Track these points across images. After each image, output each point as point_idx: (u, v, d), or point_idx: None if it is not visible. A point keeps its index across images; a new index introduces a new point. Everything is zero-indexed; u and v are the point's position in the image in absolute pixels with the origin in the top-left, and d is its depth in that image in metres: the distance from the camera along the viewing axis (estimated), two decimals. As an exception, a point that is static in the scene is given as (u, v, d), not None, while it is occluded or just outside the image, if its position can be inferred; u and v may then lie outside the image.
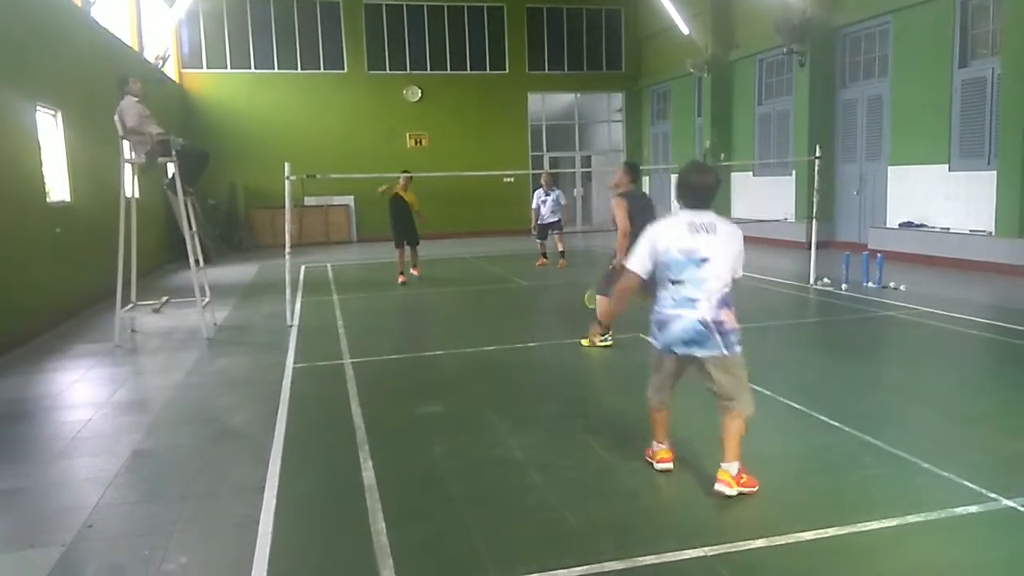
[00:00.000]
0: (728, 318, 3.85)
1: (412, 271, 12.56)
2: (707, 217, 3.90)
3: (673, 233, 3.86)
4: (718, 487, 3.79)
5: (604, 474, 4.19)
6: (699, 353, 3.87)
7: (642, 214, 6.52)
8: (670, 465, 4.15)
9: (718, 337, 3.83)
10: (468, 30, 21.69)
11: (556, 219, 13.98)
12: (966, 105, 12.15)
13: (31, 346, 8.08)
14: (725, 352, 3.85)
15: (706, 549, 3.23)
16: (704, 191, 3.93)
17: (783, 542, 3.30)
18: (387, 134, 20.88)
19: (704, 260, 3.80)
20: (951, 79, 12.32)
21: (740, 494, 3.77)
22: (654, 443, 4.24)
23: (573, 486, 4.01)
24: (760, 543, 3.28)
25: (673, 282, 3.86)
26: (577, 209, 23.95)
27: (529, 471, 4.22)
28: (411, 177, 12.34)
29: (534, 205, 14.14)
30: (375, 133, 20.79)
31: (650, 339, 4.10)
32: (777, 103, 17.17)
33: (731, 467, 3.82)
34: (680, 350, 3.91)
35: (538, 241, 14.22)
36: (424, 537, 3.51)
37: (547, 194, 13.90)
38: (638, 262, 3.93)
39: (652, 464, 4.19)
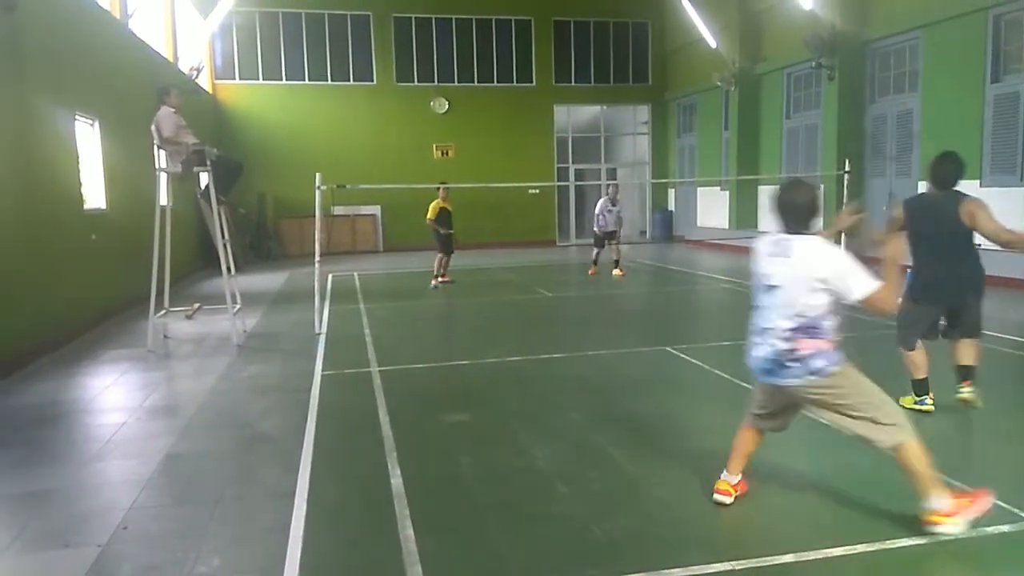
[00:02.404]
0: (806, 346, 3.47)
1: (444, 279, 13.15)
2: (789, 240, 3.58)
3: (758, 255, 3.69)
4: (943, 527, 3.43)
5: (629, 486, 4.20)
6: (780, 383, 3.60)
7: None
8: (726, 499, 3.82)
9: (794, 365, 3.49)
10: (496, 43, 21.87)
11: (615, 229, 14.33)
12: (998, 120, 12.01)
13: (66, 350, 8.25)
14: (811, 378, 3.48)
15: (733, 563, 3.22)
16: (787, 211, 3.66)
17: (812, 558, 3.28)
18: (414, 145, 21.08)
19: (772, 287, 3.56)
20: (983, 94, 12.20)
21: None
22: (724, 472, 3.91)
23: (598, 497, 4.02)
24: (789, 558, 3.27)
25: (754, 307, 3.71)
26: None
27: (554, 481, 4.24)
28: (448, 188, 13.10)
29: (598, 212, 14.38)
30: (403, 144, 20.99)
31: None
32: (805, 117, 17.09)
33: (941, 503, 3.44)
34: (761, 379, 3.71)
35: (595, 249, 14.46)
36: (451, 545, 3.54)
37: (614, 204, 14.21)
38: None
39: (716, 497, 3.86)
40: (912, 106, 13.89)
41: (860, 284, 3.40)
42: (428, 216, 12.92)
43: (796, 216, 3.63)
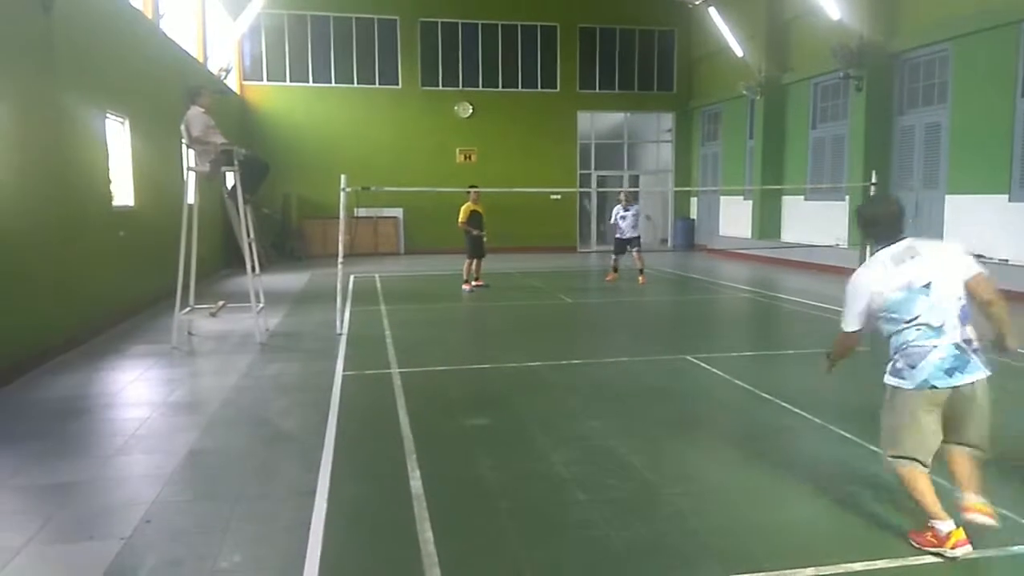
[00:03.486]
0: (973, 334, 3.51)
1: (476, 283, 13.27)
2: (903, 244, 3.66)
3: (880, 276, 3.61)
4: (980, 519, 3.45)
5: (647, 494, 4.19)
6: (965, 379, 3.44)
7: None
8: (969, 547, 3.39)
9: (974, 357, 3.47)
10: (521, 48, 21.93)
11: (636, 235, 14.21)
12: (1029, 135, 11.86)
13: (91, 345, 8.37)
14: (986, 370, 3.49)
15: (752, 575, 3.21)
16: (894, 222, 3.76)
17: (831, 571, 3.26)
18: (437, 149, 21.18)
19: (927, 285, 3.51)
20: (1014, 107, 12.04)
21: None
22: (934, 520, 3.45)
23: (616, 505, 4.02)
24: (808, 572, 3.25)
25: (909, 322, 3.52)
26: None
27: (572, 488, 4.24)
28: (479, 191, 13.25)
29: (612, 220, 14.44)
30: (426, 148, 21.10)
31: (895, 387, 3.59)
32: (832, 128, 16.96)
33: (978, 510, 3.46)
34: (941, 383, 3.44)
35: (613, 256, 14.46)
36: (470, 549, 3.55)
37: (626, 210, 14.16)
38: (855, 320, 3.71)
39: (942, 553, 3.40)
40: (940, 119, 13.75)
41: (973, 263, 3.60)
42: (460, 219, 13.03)
43: (897, 224, 3.76)
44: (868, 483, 4.35)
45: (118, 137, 10.38)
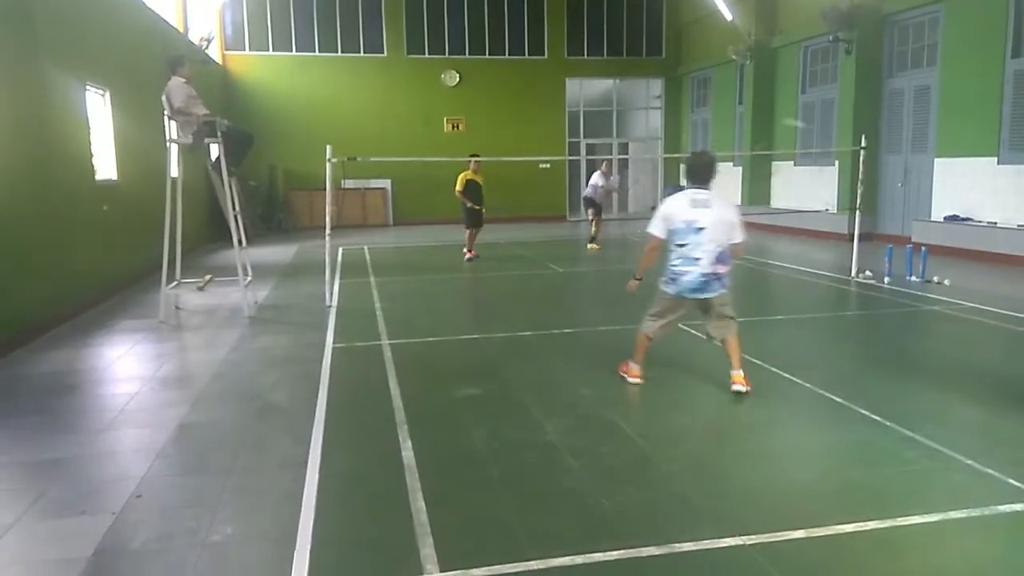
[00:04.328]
0: (723, 269, 5.14)
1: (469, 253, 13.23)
2: (704, 194, 5.12)
3: (680, 207, 5.11)
4: (735, 388, 5.19)
5: (640, 460, 4.20)
6: (702, 295, 5.17)
7: None
8: (640, 381, 5.44)
9: (716, 283, 5.14)
10: (507, 15, 21.62)
11: (601, 203, 14.80)
12: (1018, 96, 11.82)
13: (79, 320, 8.30)
14: (724, 290, 5.21)
15: (744, 538, 3.23)
16: (700, 171, 5.21)
17: (822, 533, 3.29)
18: (424, 118, 20.96)
19: (700, 229, 5.03)
20: (1003, 69, 11.99)
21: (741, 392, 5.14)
22: (631, 363, 5.50)
23: (609, 471, 4.03)
24: (799, 534, 3.27)
25: (679, 245, 5.11)
26: (613, 196, 23.82)
27: (565, 455, 4.25)
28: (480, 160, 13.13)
29: (592, 182, 14.79)
30: (413, 117, 20.88)
31: (662, 289, 5.33)
32: (821, 91, 16.87)
33: (740, 372, 5.21)
34: (689, 296, 5.20)
35: (592, 222, 14.81)
36: (462, 517, 3.56)
37: (606, 180, 14.66)
38: (658, 229, 5.21)
39: (625, 377, 5.49)
40: (930, 81, 13.68)
41: (742, 232, 5.20)
42: (456, 188, 12.86)
43: (706, 174, 5.21)
44: (857, 446, 4.39)
45: (99, 109, 10.20)
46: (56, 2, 8.68)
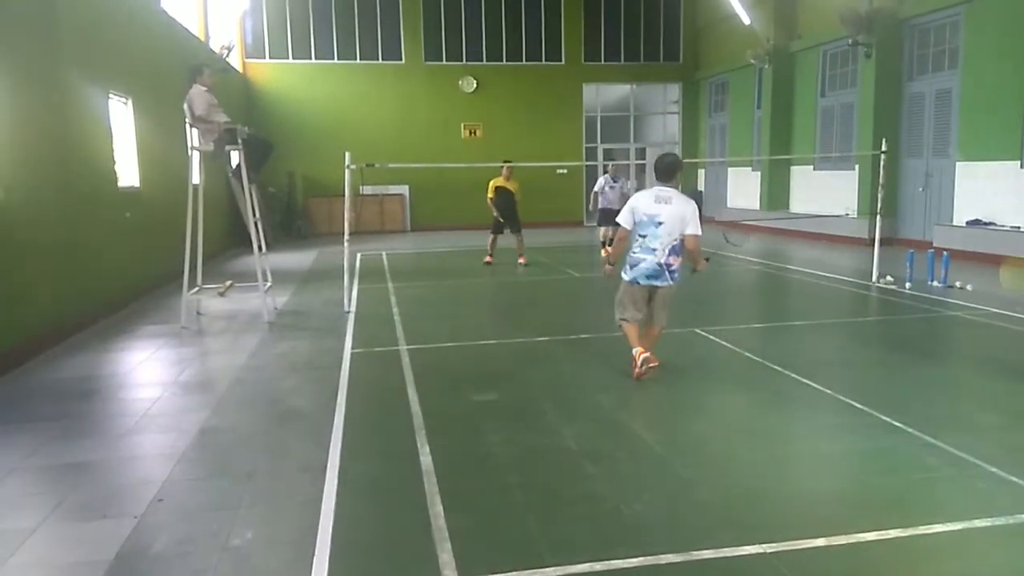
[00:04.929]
0: (675, 262, 5.67)
1: (519, 260, 13.11)
2: (667, 191, 5.65)
3: (645, 201, 5.65)
4: (637, 361, 5.63)
5: (658, 466, 4.19)
6: (655, 283, 5.70)
7: None
8: (648, 354, 5.65)
9: (667, 274, 5.67)
10: (525, 21, 21.68)
11: (617, 208, 13.92)
12: (1041, 99, 11.68)
13: (101, 326, 8.40)
14: (670, 283, 5.73)
15: (765, 546, 3.20)
16: (664, 170, 5.71)
17: (844, 542, 3.25)
18: (442, 124, 21.04)
19: (660, 223, 5.58)
20: (1026, 72, 11.86)
21: (647, 367, 5.60)
22: (633, 351, 5.71)
23: (627, 477, 4.02)
24: (820, 542, 3.24)
25: (641, 235, 5.67)
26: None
27: (583, 461, 4.24)
28: (512, 167, 13.06)
29: (597, 188, 13.87)
30: (431, 124, 20.97)
31: (621, 273, 5.87)
32: (841, 95, 16.76)
33: (646, 354, 5.64)
34: (643, 282, 5.72)
35: (600, 228, 13.89)
36: (481, 522, 3.56)
37: (615, 181, 13.80)
38: (625, 220, 5.74)
39: (637, 362, 5.64)
40: (951, 84, 13.55)
41: (696, 227, 5.65)
42: (488, 195, 13.11)
43: (669, 173, 5.73)
44: (879, 453, 4.35)
45: (122, 117, 10.34)
46: (80, 11, 8.81)
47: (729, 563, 3.11)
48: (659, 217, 5.56)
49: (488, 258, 13.19)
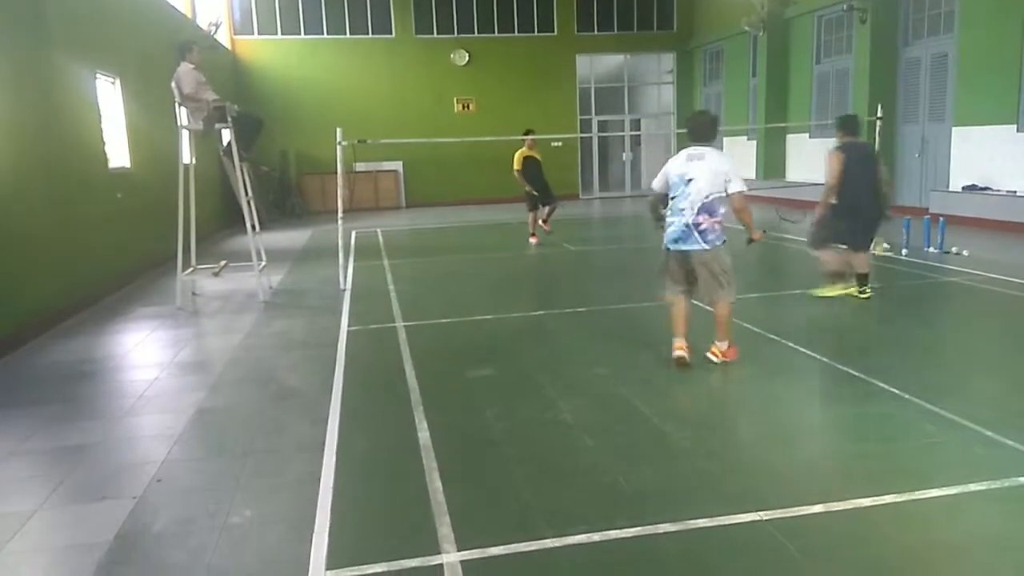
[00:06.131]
0: (706, 221, 5.14)
1: (543, 227, 12.56)
2: (701, 149, 5.24)
3: (677, 163, 5.29)
4: (708, 355, 5.34)
5: (655, 438, 4.19)
6: (683, 247, 5.20)
7: (860, 164, 7.22)
8: (682, 353, 5.28)
9: (697, 235, 5.15)
10: (516, -10, 21.38)
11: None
12: (1038, 62, 11.59)
13: (96, 308, 8.38)
14: (703, 246, 5.16)
15: (761, 513, 3.22)
16: (699, 129, 5.32)
17: (841, 508, 3.27)
18: (434, 99, 20.85)
19: (690, 180, 5.16)
20: (1023, 35, 11.74)
21: (724, 363, 5.30)
22: (674, 338, 5.36)
23: (624, 449, 4.03)
24: (817, 508, 3.26)
25: (672, 198, 5.31)
26: (626, 173, 23.68)
27: (580, 434, 4.25)
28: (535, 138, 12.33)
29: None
30: (423, 98, 20.76)
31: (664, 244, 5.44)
32: (836, 62, 16.62)
33: (722, 344, 5.32)
34: (672, 247, 5.30)
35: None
36: (479, 496, 3.57)
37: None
38: (657, 183, 5.46)
39: (673, 355, 5.33)
40: (947, 48, 13.44)
41: (739, 182, 5.23)
42: (515, 167, 12.22)
43: (704, 132, 5.32)
44: (877, 420, 4.36)
45: (110, 97, 10.22)
46: (64, -9, 8.67)
47: (726, 531, 3.12)
48: (689, 174, 5.15)
49: (533, 237, 12.43)
